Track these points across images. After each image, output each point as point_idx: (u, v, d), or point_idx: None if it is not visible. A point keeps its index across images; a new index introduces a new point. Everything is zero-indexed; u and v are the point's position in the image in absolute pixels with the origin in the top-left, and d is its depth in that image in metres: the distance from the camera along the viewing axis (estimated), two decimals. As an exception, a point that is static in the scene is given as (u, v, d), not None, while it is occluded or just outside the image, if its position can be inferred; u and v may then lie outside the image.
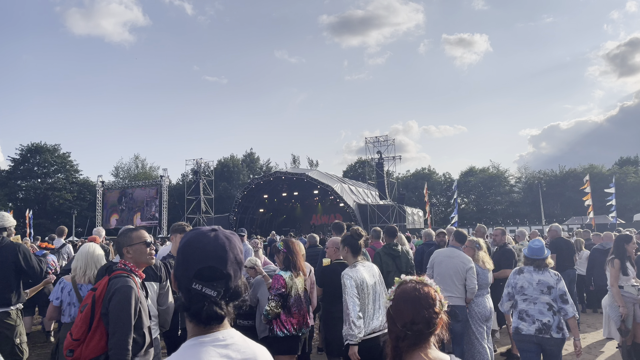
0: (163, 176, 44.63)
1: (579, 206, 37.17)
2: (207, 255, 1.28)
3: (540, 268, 4.62)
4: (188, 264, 1.28)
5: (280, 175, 36.37)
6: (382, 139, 38.86)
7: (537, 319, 4.48)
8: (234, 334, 1.31)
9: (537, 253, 4.65)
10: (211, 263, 1.27)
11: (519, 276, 4.72)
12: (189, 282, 1.25)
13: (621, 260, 5.91)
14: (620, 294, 5.77)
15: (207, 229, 1.35)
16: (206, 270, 1.26)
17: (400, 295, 1.80)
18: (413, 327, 1.71)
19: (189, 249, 1.30)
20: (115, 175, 64.69)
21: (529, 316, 4.52)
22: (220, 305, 1.25)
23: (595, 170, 51.08)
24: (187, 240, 1.33)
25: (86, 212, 52.63)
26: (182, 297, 1.29)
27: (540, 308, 4.49)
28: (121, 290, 2.88)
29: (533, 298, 4.55)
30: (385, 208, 33.20)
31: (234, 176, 61.46)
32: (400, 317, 1.75)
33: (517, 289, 4.68)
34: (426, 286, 1.82)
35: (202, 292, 1.24)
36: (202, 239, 1.31)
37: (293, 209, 43.59)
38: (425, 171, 67.12)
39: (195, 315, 1.25)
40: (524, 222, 44.96)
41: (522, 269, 4.75)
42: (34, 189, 55.03)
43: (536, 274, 4.61)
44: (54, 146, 58.43)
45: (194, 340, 1.26)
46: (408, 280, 1.85)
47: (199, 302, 1.24)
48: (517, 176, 62.85)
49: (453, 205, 34.03)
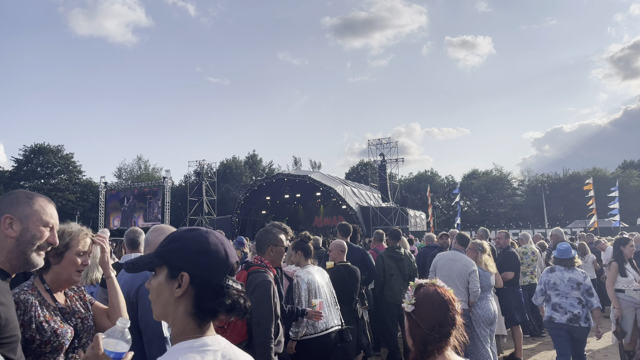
0: (166, 177, 44.69)
1: (582, 209, 37.07)
2: (233, 251, 1.37)
3: (570, 267, 5.40)
4: (221, 260, 1.33)
5: (282, 177, 36.40)
6: (385, 141, 38.88)
7: (569, 311, 5.26)
8: (220, 340, 1.32)
9: (565, 254, 5.44)
10: (236, 259, 1.37)
11: (551, 274, 5.50)
12: (222, 279, 1.30)
13: (619, 262, 6.08)
14: (616, 296, 5.97)
15: (203, 230, 1.38)
16: (234, 266, 1.35)
17: (425, 299, 1.83)
18: (442, 330, 1.77)
19: (216, 246, 1.34)
20: (118, 177, 64.86)
21: (562, 308, 5.32)
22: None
23: (598, 174, 50.93)
24: (207, 237, 1.35)
25: (89, 213, 52.75)
26: (207, 297, 1.29)
27: (572, 301, 5.27)
28: (262, 285, 3.14)
29: (565, 293, 5.32)
30: (387, 210, 33.18)
31: (237, 178, 61.52)
32: (427, 320, 1.79)
33: (550, 285, 5.45)
34: (443, 289, 1.87)
35: (236, 287, 1.31)
36: (217, 237, 1.37)
37: (295, 211, 43.58)
38: (428, 174, 67.05)
39: (231, 310, 1.30)
40: (527, 226, 44.93)
41: (554, 268, 5.52)
42: (37, 189, 55.15)
43: (566, 272, 5.39)
44: (57, 147, 58.65)
45: (185, 344, 1.26)
46: (424, 284, 1.89)
47: (232, 297, 1.30)
48: (520, 179, 62.75)
49: (456, 208, 34.00)
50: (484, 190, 59.87)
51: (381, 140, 38.98)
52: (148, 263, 1.35)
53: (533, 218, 51.90)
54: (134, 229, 4.27)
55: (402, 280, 6.57)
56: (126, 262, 1.39)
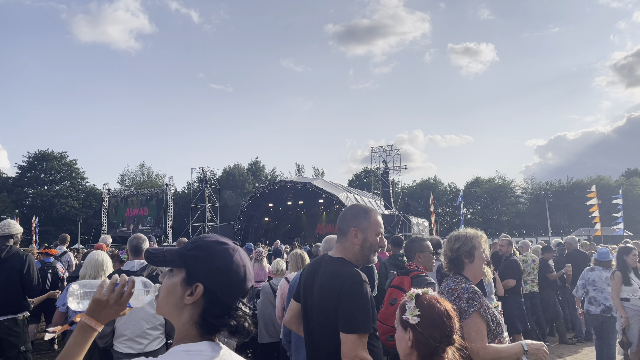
0: (169, 184, 44.81)
1: (586, 217, 36.90)
2: (250, 275, 1.36)
3: (607, 268, 6.49)
4: (238, 282, 1.32)
5: (285, 184, 36.40)
6: (388, 148, 38.87)
7: (602, 303, 6.33)
8: (220, 347, 1.31)
9: (604, 257, 6.62)
10: (252, 283, 1.37)
11: (591, 273, 6.62)
12: (234, 301, 1.31)
13: (622, 272, 6.11)
14: (621, 305, 5.99)
15: (230, 247, 1.36)
16: (248, 290, 1.35)
17: (430, 309, 1.79)
18: (449, 340, 1.75)
19: (237, 269, 1.33)
20: (121, 183, 65.00)
21: (597, 301, 6.40)
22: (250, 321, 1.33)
23: (602, 182, 50.80)
24: (229, 258, 1.33)
25: (92, 220, 52.83)
26: (214, 313, 1.29)
27: (606, 296, 6.31)
28: (432, 285, 3.57)
29: (601, 289, 6.40)
30: (390, 218, 33.13)
31: (239, 185, 61.58)
32: (434, 331, 1.75)
33: (590, 281, 6.55)
34: (441, 298, 1.86)
35: (244, 310, 1.31)
36: (243, 257, 1.37)
37: (298, 218, 43.52)
38: (431, 181, 66.99)
39: (235, 333, 1.29)
40: (530, 233, 44.72)
41: (594, 268, 6.66)
42: (41, 196, 55.37)
43: (604, 271, 6.49)
44: (61, 154, 58.91)
45: (183, 347, 1.25)
46: (422, 294, 1.84)
47: (239, 319, 1.29)
48: (523, 187, 62.64)
49: (459, 216, 33.93)
50: (487, 198, 59.75)
51: (384, 148, 38.96)
52: (170, 261, 1.34)
53: (536, 226, 51.70)
54: (137, 236, 4.28)
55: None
56: (147, 251, 1.38)
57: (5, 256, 4.84)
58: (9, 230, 4.97)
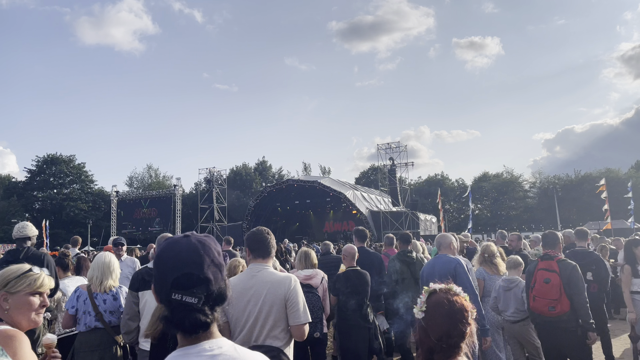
0: (176, 185, 45.09)
1: (596, 211, 36.63)
2: (182, 262, 1.24)
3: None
4: (164, 274, 1.24)
5: (292, 183, 36.46)
6: (394, 145, 38.81)
7: None
8: (222, 343, 1.26)
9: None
10: (187, 270, 1.23)
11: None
12: (168, 292, 1.21)
13: (631, 265, 6.05)
14: (631, 298, 5.91)
15: (179, 236, 1.32)
16: (183, 277, 1.22)
17: (435, 307, 1.75)
18: (449, 341, 1.69)
19: (163, 259, 1.27)
20: (129, 185, 65.50)
21: None
22: (204, 312, 1.22)
23: (611, 174, 50.32)
24: (160, 250, 1.29)
25: (101, 222, 53.29)
26: (164, 310, 1.25)
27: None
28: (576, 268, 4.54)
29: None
30: (398, 215, 33.07)
31: (247, 184, 61.75)
32: (435, 330, 1.72)
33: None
34: (457, 296, 1.77)
35: (183, 300, 1.20)
36: (174, 247, 1.28)
37: (306, 217, 43.57)
38: (438, 177, 66.80)
39: (179, 326, 1.22)
40: (539, 228, 44.50)
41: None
42: (50, 199, 55.87)
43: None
44: (69, 157, 59.42)
45: (180, 352, 1.23)
46: (438, 290, 1.79)
47: (181, 312, 1.21)
48: (531, 181, 62.25)
49: (467, 212, 33.80)
50: (495, 193, 59.47)
51: (390, 144, 38.92)
52: None
53: (545, 220, 51.40)
54: (165, 236, 4.30)
55: (414, 285, 6.53)
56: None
57: (24, 257, 4.88)
58: (26, 232, 5.02)
